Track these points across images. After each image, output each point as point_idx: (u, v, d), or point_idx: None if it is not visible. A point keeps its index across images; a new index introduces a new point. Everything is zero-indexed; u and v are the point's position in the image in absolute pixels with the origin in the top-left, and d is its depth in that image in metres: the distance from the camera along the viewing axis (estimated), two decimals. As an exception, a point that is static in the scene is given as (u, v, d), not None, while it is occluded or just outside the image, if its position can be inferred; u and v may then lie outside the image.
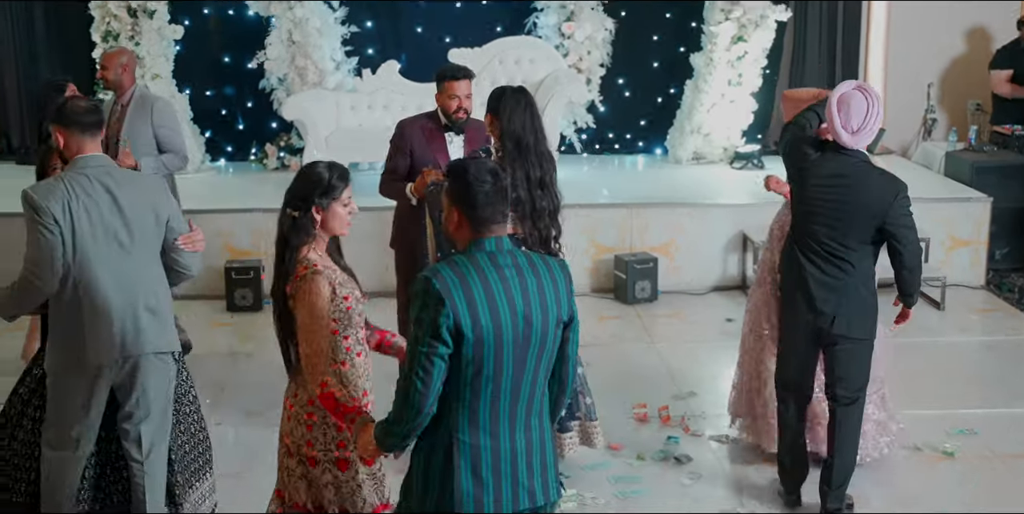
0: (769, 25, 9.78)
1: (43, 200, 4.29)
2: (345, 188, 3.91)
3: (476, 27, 10.11)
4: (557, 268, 3.51)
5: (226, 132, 10.31)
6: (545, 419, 3.56)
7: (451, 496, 3.42)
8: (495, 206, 3.42)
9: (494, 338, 3.36)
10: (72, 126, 4.46)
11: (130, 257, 4.47)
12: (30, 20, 10.01)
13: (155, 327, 4.53)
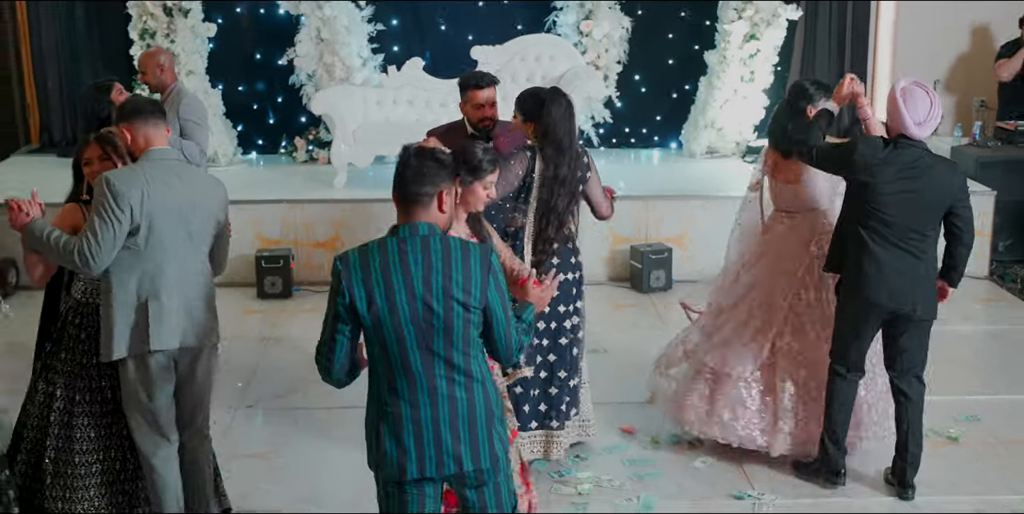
0: (780, 24, 9.75)
1: (122, 185, 4.27)
2: (490, 173, 4.22)
3: (498, 25, 10.10)
4: (475, 257, 3.56)
5: (257, 126, 10.33)
6: (476, 390, 3.62)
7: (380, 460, 3.65)
8: (409, 188, 3.57)
9: (390, 318, 3.51)
10: (137, 121, 4.46)
11: (193, 250, 4.51)
12: (71, 20, 10.03)
13: (208, 320, 4.57)
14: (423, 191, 3.56)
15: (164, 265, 4.41)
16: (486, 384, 3.65)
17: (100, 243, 4.24)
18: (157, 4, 9.41)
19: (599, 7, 9.74)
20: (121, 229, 4.27)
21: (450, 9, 10.29)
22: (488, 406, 3.65)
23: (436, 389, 3.58)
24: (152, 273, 4.40)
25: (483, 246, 3.67)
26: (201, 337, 4.55)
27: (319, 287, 8.40)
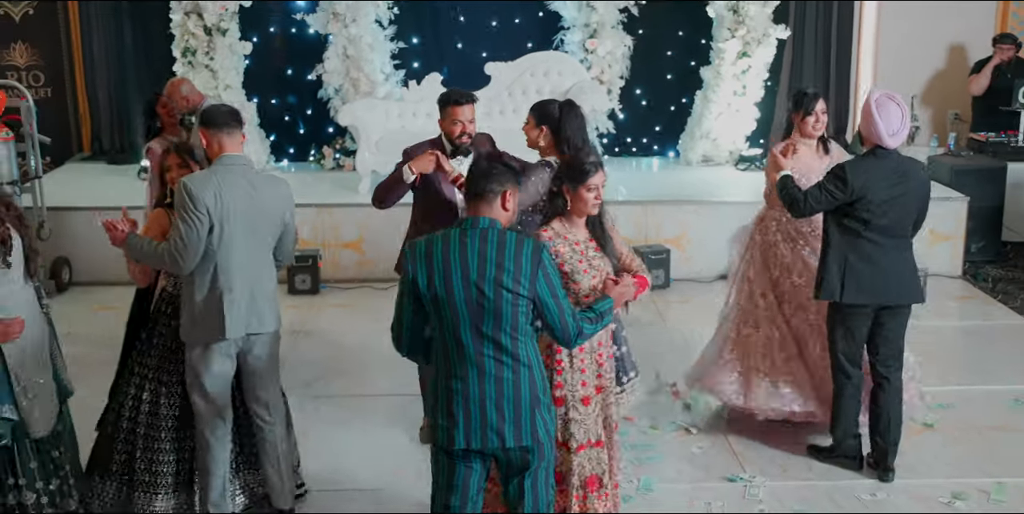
0: (770, 42, 9.75)
1: (199, 191, 4.35)
2: (591, 177, 4.16)
3: (510, 43, 10.10)
4: (527, 250, 3.62)
5: (288, 136, 10.33)
6: (522, 373, 3.65)
7: (435, 429, 3.74)
8: (478, 184, 3.70)
9: (447, 299, 3.60)
10: (212, 127, 4.52)
11: (259, 247, 4.57)
12: (120, 39, 10.08)
13: (271, 309, 4.65)
14: (489, 188, 3.67)
15: (234, 260, 4.48)
16: (533, 369, 3.68)
17: (186, 244, 4.35)
18: (198, 24, 9.45)
19: (603, 27, 9.73)
20: (202, 229, 4.36)
21: (466, 28, 10.29)
22: (533, 390, 3.67)
23: (484, 368, 3.64)
24: (224, 268, 4.47)
25: (536, 242, 3.68)
26: (265, 324, 4.62)
27: (345, 284, 8.44)
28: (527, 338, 3.68)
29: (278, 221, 4.61)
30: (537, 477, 3.77)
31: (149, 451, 4.74)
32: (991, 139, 9.66)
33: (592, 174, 4.19)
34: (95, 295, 8.23)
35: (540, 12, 10.16)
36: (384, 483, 5.24)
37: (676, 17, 10.22)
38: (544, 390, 3.74)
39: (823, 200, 5.05)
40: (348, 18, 9.44)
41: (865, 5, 10.53)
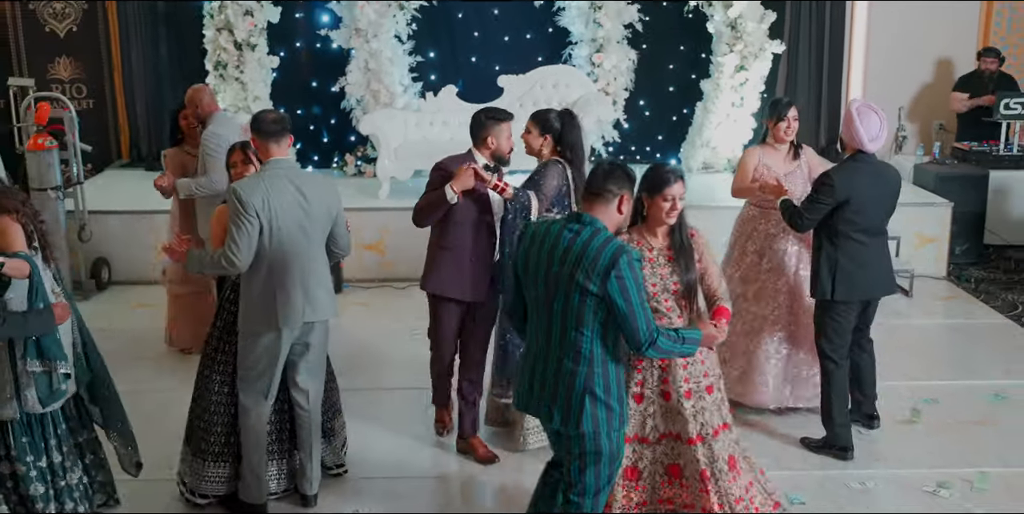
0: (766, 56, 9.73)
1: (247, 196, 4.41)
2: (669, 186, 4.06)
3: (521, 57, 10.08)
4: (607, 254, 3.57)
5: (313, 144, 10.35)
6: (581, 364, 3.66)
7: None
8: (597, 182, 3.71)
9: (532, 285, 3.72)
10: (260, 134, 4.56)
11: (309, 242, 4.59)
12: (156, 54, 10.12)
13: (326, 299, 4.68)
14: (608, 188, 3.68)
15: (286, 257, 4.53)
16: (594, 364, 3.66)
17: (239, 245, 4.42)
18: (229, 40, 9.48)
19: (609, 42, 9.72)
20: (253, 231, 4.42)
21: (480, 43, 10.29)
22: (588, 383, 3.65)
23: (550, 352, 3.70)
24: (277, 265, 4.53)
25: (621, 248, 3.57)
26: (319, 312, 4.65)
27: (366, 284, 8.45)
28: (593, 334, 3.64)
29: (326, 216, 4.64)
30: (584, 463, 3.77)
31: (205, 423, 4.83)
32: (974, 148, 9.65)
33: (670, 184, 4.08)
34: (132, 294, 8.27)
35: (550, 28, 10.15)
36: (401, 470, 5.25)
37: (677, 33, 10.19)
38: (603, 386, 3.68)
39: (817, 210, 5.12)
40: (369, 33, 9.45)
41: (855, 22, 10.51)
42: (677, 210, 4.12)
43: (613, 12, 9.63)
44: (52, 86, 10.25)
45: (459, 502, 4.92)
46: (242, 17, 9.44)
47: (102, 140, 10.43)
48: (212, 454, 4.80)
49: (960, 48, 10.58)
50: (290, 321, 4.56)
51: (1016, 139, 9.59)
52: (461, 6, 10.13)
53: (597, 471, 3.79)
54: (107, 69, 10.46)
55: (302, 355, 4.72)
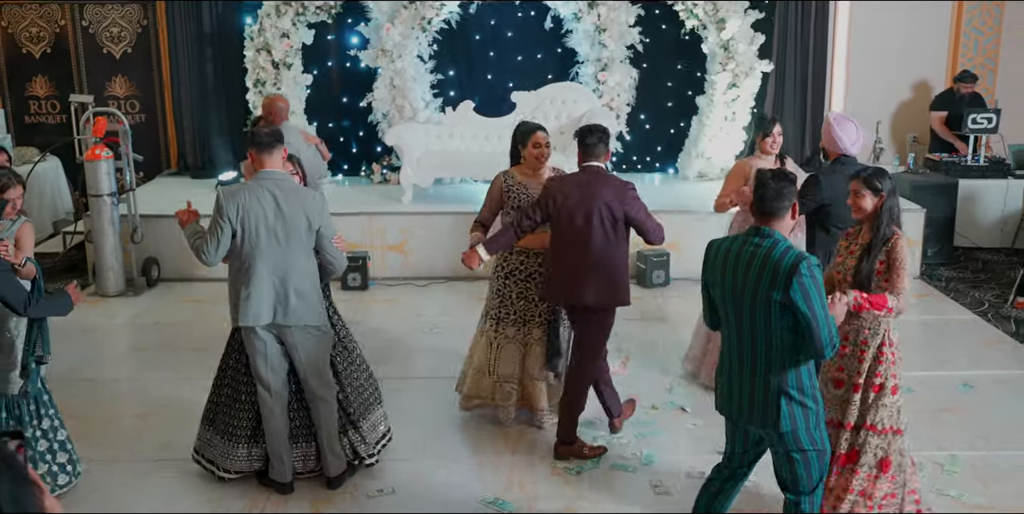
0: (756, 75, 9.70)
1: (225, 200, 4.44)
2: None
3: (532, 75, 10.06)
4: (787, 263, 3.49)
5: (343, 154, 10.35)
6: (775, 366, 3.59)
7: None
8: (771, 204, 3.61)
9: (721, 294, 3.67)
10: (255, 146, 4.55)
11: (285, 250, 4.51)
12: (202, 73, 10.14)
13: (302, 306, 4.56)
14: (781, 206, 3.61)
15: (255, 260, 4.48)
16: (787, 367, 3.58)
17: (209, 243, 4.45)
18: (267, 60, 9.50)
19: (613, 61, 9.71)
20: (223, 233, 4.43)
21: (495, 62, 10.28)
22: (782, 383, 3.58)
23: (743, 354, 3.66)
24: (249, 266, 4.49)
25: (800, 256, 3.50)
26: (292, 317, 4.54)
27: (390, 282, 8.46)
28: (786, 337, 3.55)
29: (304, 226, 4.51)
30: (793, 462, 3.69)
31: (231, 408, 4.82)
32: (945, 159, 9.61)
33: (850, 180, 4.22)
34: (179, 290, 8.29)
35: (558, 49, 10.14)
36: (423, 453, 5.24)
37: (675, 53, 10.17)
38: (794, 385, 3.59)
39: (804, 205, 5.11)
40: (394, 54, 9.46)
41: (837, 44, 10.49)
42: (860, 206, 4.16)
43: (616, 34, 9.60)
44: (108, 102, 10.29)
45: (476, 483, 4.90)
46: (279, 39, 9.45)
47: (153, 151, 10.47)
48: (243, 437, 4.78)
49: (932, 69, 10.58)
50: (250, 320, 4.49)
51: (983, 151, 9.57)
52: (478, 29, 10.12)
53: (808, 468, 3.70)
54: (158, 87, 10.50)
55: (294, 356, 4.66)
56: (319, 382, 4.72)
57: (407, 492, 4.81)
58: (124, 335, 7.19)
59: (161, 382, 6.21)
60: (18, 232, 4.59)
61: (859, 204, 4.17)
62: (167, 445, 5.30)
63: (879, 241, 4.12)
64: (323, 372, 4.73)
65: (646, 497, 4.76)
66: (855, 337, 4.19)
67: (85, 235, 8.31)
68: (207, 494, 4.80)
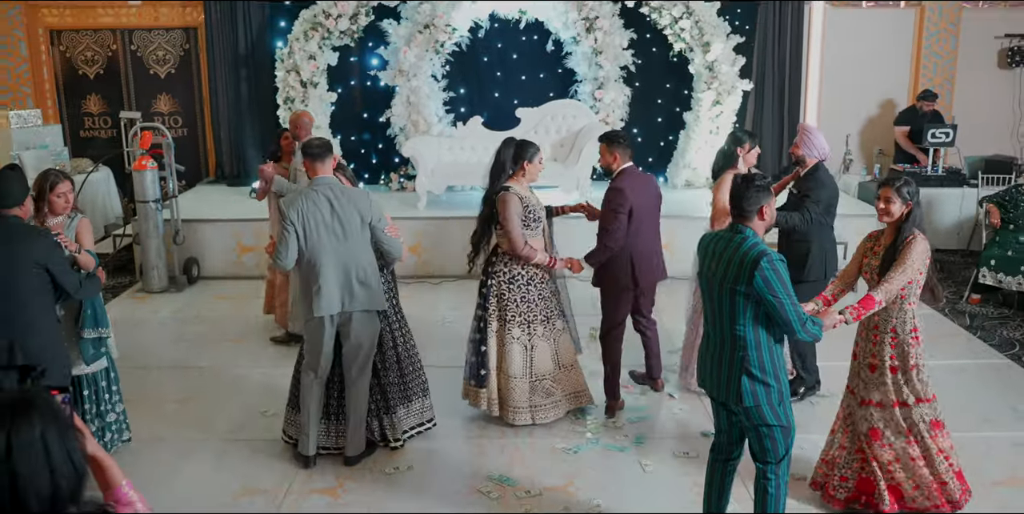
0: (738, 93, 9.71)
1: (287, 208, 4.53)
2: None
3: (535, 93, 10.10)
4: (751, 257, 3.52)
5: (364, 164, 10.40)
6: (738, 346, 3.62)
7: None
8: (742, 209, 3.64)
9: (705, 283, 3.71)
10: (308, 156, 4.63)
11: (344, 245, 4.58)
12: (237, 91, 10.20)
13: (364, 293, 4.65)
14: (751, 209, 3.63)
15: (320, 257, 4.55)
16: (749, 349, 3.61)
17: (281, 250, 4.54)
18: (296, 79, 9.53)
19: (608, 80, 9.73)
20: (291, 237, 4.50)
21: (501, 81, 10.31)
22: (744, 363, 3.61)
23: (716, 335, 3.71)
24: (315, 264, 4.56)
25: (762, 253, 3.52)
26: (360, 304, 4.64)
27: (407, 280, 8.44)
28: (749, 323, 3.59)
29: (359, 222, 4.59)
30: (760, 435, 3.72)
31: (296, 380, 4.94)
32: (907, 169, 9.61)
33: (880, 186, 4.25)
34: (217, 287, 8.33)
35: (559, 69, 10.16)
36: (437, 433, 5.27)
37: (664, 73, 10.19)
38: (759, 366, 3.62)
39: (815, 213, 5.22)
40: (410, 74, 9.49)
41: (811, 66, 10.51)
42: (885, 212, 4.16)
43: (611, 56, 9.63)
44: (154, 118, 10.36)
45: (483, 461, 4.94)
46: (307, 61, 9.49)
47: (193, 162, 10.54)
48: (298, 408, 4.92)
49: (896, 88, 10.62)
50: (324, 310, 4.57)
51: (941, 162, 9.57)
52: (486, 51, 10.15)
53: (773, 441, 3.72)
54: (198, 104, 10.56)
55: (346, 341, 4.72)
56: (359, 370, 4.78)
57: (422, 469, 4.85)
58: (168, 328, 7.23)
59: (201, 370, 6.26)
60: (78, 228, 4.66)
61: (889, 210, 4.15)
62: (206, 426, 5.34)
63: (900, 242, 4.12)
64: (365, 357, 4.78)
65: (636, 474, 4.80)
66: (884, 326, 4.21)
67: (133, 237, 8.36)
68: (242, 469, 4.84)
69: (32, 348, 3.93)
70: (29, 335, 3.98)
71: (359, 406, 4.81)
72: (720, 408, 3.89)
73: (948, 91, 10.58)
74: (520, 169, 5.03)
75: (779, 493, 3.79)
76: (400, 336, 5.06)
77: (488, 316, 5.18)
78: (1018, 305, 7.65)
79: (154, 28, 10.39)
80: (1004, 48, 10.64)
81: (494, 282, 5.15)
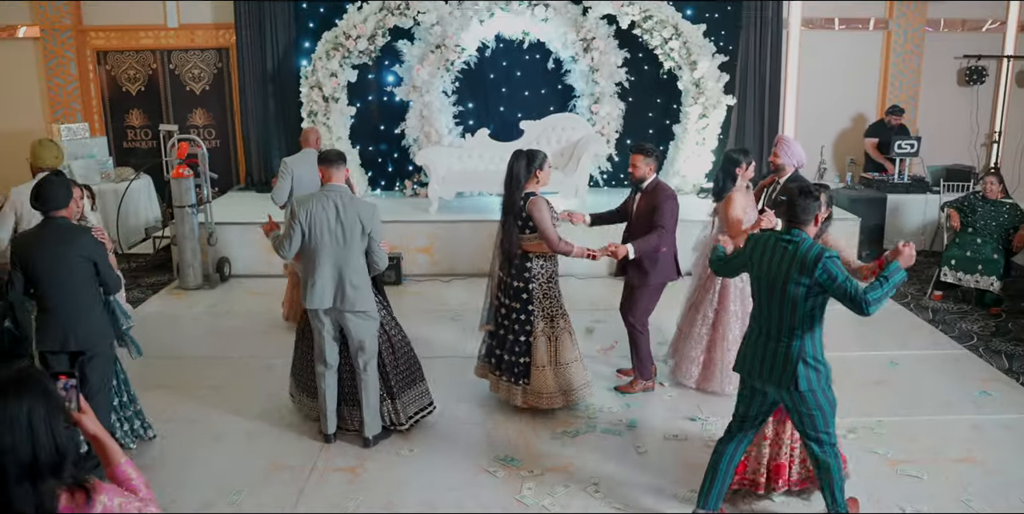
0: (722, 107, 9.69)
1: (297, 207, 4.54)
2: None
3: (537, 107, 10.09)
4: (810, 259, 3.56)
5: (381, 172, 10.39)
6: (795, 337, 3.63)
7: None
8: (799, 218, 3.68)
9: (758, 283, 3.70)
10: (323, 163, 4.64)
11: (343, 250, 4.57)
12: (265, 106, 10.18)
13: (355, 295, 4.62)
14: (807, 218, 3.67)
15: (319, 256, 4.55)
16: (804, 338, 3.65)
17: (285, 243, 4.56)
18: (319, 95, 9.52)
19: (604, 95, 9.71)
20: (295, 232, 4.51)
21: (506, 96, 10.30)
22: (801, 352, 3.64)
23: (772, 328, 3.69)
24: (314, 260, 4.56)
25: (823, 250, 3.58)
26: (347, 304, 4.61)
27: (419, 278, 8.48)
28: (806, 315, 3.62)
29: (358, 229, 4.56)
30: (813, 418, 3.71)
31: (305, 373, 5.00)
32: (876, 177, 9.61)
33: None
34: (247, 284, 8.33)
35: (559, 85, 10.15)
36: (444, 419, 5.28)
37: (655, 89, 10.17)
38: (813, 355, 3.65)
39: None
40: (423, 89, 9.48)
41: (788, 82, 10.49)
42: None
43: (607, 73, 9.61)
44: (190, 130, 10.37)
45: (490, 444, 4.95)
46: (329, 78, 9.49)
47: (225, 170, 10.54)
48: (313, 394, 4.99)
49: (866, 103, 10.61)
50: (314, 303, 4.58)
51: (907, 171, 9.57)
52: (492, 69, 10.14)
53: (824, 419, 3.73)
54: (230, 117, 10.56)
55: (348, 336, 4.73)
56: (365, 359, 4.78)
57: (434, 451, 4.85)
58: (202, 322, 7.23)
59: (232, 360, 6.26)
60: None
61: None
62: (237, 411, 5.35)
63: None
64: (369, 351, 4.78)
65: (630, 455, 4.80)
66: None
67: (171, 239, 8.36)
68: (268, 449, 4.85)
69: (82, 334, 4.08)
70: (80, 323, 4.09)
71: (370, 393, 4.82)
72: (756, 395, 3.86)
73: (913, 106, 10.57)
74: (533, 176, 5.02)
75: (836, 461, 3.81)
76: (391, 328, 5.02)
77: (533, 317, 5.09)
78: (976, 301, 7.64)
79: (190, 49, 10.40)
80: (963, 68, 10.63)
81: (535, 285, 5.08)
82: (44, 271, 4.03)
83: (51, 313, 4.07)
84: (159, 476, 4.51)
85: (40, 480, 1.90)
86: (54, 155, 5.59)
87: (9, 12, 10.18)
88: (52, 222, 4.07)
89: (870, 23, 10.50)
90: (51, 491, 1.93)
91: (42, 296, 4.08)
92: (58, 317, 4.06)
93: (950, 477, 4.54)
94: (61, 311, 4.07)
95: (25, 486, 1.89)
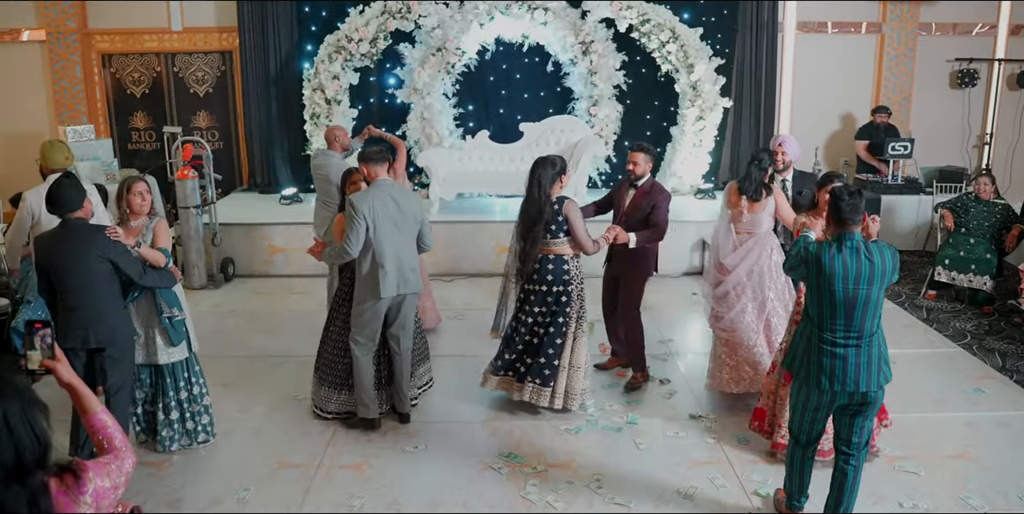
0: (719, 110, 9.69)
1: (359, 204, 4.64)
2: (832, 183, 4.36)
3: (537, 109, 10.08)
4: (889, 267, 3.60)
5: (383, 173, 10.35)
6: (875, 340, 3.64)
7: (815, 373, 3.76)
8: (852, 219, 3.63)
9: (839, 285, 3.58)
10: (367, 162, 4.76)
11: (401, 237, 4.76)
12: (268, 108, 10.14)
13: (414, 278, 4.85)
14: (858, 219, 3.64)
15: (384, 247, 4.71)
16: (883, 340, 3.68)
17: (351, 239, 4.64)
18: (321, 97, 9.52)
19: (602, 98, 9.71)
20: (361, 229, 4.64)
21: (506, 98, 10.28)
22: (884, 352, 3.68)
23: (862, 336, 3.63)
24: (379, 253, 4.71)
25: (894, 250, 3.63)
26: (410, 286, 4.83)
27: (423, 277, 8.47)
28: (880, 316, 3.65)
29: (413, 218, 4.80)
30: (866, 424, 3.74)
31: (330, 362, 5.06)
32: (870, 179, 9.61)
33: (833, 180, 4.47)
34: (251, 284, 8.32)
35: (558, 88, 10.13)
36: (451, 416, 5.28)
37: (653, 92, 10.16)
38: (887, 352, 3.69)
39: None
40: (424, 92, 9.47)
41: (783, 86, 10.49)
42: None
43: (605, 76, 9.61)
44: (194, 132, 10.34)
45: (494, 440, 4.94)
46: (331, 80, 9.48)
47: (229, 171, 10.51)
48: (336, 384, 5.05)
49: (859, 106, 10.60)
50: (388, 292, 4.75)
51: (900, 172, 9.57)
52: (492, 72, 10.14)
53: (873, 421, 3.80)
54: (233, 119, 10.54)
55: (396, 316, 4.91)
56: (406, 340, 5.00)
57: (439, 447, 4.85)
58: (207, 320, 7.22)
59: (238, 359, 6.25)
60: (155, 228, 4.55)
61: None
62: (243, 409, 5.34)
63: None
64: (409, 328, 5.00)
65: (631, 452, 4.80)
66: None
67: (176, 239, 8.35)
68: (276, 446, 4.84)
69: (103, 331, 4.15)
70: (101, 321, 4.15)
71: (405, 370, 5.04)
72: (822, 413, 3.77)
73: (906, 109, 10.59)
74: (558, 181, 5.00)
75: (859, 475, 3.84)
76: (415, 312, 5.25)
77: (570, 320, 5.06)
78: (969, 300, 7.65)
79: (194, 52, 10.38)
80: (955, 71, 10.65)
81: (573, 288, 5.05)
82: (64, 271, 4.10)
83: (73, 312, 4.14)
84: (167, 473, 4.50)
85: (28, 477, 1.88)
86: (64, 156, 5.57)
87: (15, 15, 10.16)
88: (69, 223, 4.13)
89: (863, 27, 10.52)
90: (40, 485, 1.90)
91: (64, 296, 4.15)
92: (79, 316, 4.12)
93: (947, 474, 4.54)
94: (82, 310, 4.13)
95: (14, 488, 1.86)
